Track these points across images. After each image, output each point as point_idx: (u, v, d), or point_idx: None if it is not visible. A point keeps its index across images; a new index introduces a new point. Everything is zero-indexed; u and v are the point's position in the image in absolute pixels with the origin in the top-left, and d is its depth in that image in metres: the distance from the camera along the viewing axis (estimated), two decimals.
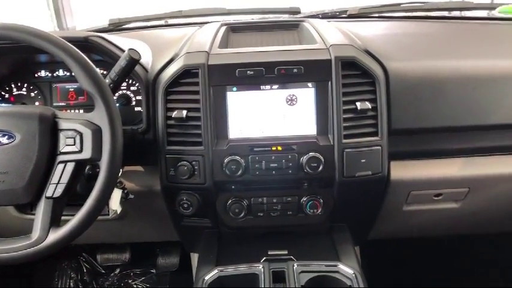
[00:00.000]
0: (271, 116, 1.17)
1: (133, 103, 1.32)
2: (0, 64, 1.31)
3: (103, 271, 2.15)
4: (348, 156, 1.15)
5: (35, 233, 0.94)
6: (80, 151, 0.94)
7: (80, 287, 2.08)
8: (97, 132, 0.94)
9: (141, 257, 2.15)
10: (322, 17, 1.61)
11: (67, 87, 1.35)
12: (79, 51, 0.95)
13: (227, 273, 1.16)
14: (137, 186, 1.29)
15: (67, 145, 0.94)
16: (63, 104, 1.35)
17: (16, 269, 1.90)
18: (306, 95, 1.16)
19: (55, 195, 0.94)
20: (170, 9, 1.67)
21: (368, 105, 1.14)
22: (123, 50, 1.19)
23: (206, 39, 1.29)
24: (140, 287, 2.10)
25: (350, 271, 1.14)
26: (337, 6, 1.68)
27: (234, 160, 1.15)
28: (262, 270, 1.15)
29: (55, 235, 0.94)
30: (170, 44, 1.35)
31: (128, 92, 1.32)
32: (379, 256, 1.85)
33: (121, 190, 1.22)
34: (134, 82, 1.31)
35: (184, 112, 1.14)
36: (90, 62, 0.95)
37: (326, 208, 1.25)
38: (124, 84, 1.31)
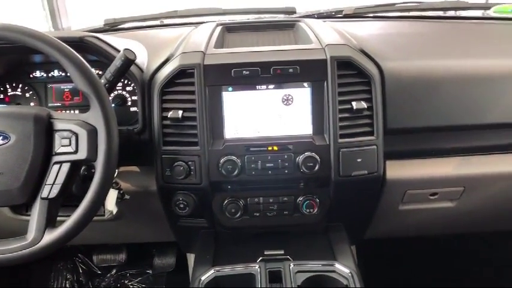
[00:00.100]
0: (267, 116, 1.17)
1: (128, 103, 1.32)
2: None
3: (99, 272, 2.14)
4: (344, 155, 1.15)
5: (30, 234, 0.94)
6: (76, 152, 0.93)
7: None
8: (92, 132, 0.93)
9: (137, 258, 2.15)
10: (317, 17, 1.62)
11: (62, 87, 1.34)
12: (74, 51, 0.95)
13: (223, 273, 1.16)
14: (133, 186, 1.28)
15: (62, 146, 0.94)
16: (58, 105, 1.34)
17: (11, 270, 1.89)
18: (302, 95, 1.16)
19: (50, 196, 0.93)
20: (166, 9, 1.66)
21: (364, 104, 1.14)
22: (118, 50, 1.19)
23: (202, 39, 1.29)
24: None
25: (346, 270, 1.14)
26: (332, 6, 1.68)
27: (230, 160, 1.15)
28: (258, 270, 1.15)
29: (50, 236, 0.93)
30: (166, 44, 1.35)
31: (124, 92, 1.31)
32: (375, 255, 1.85)
33: (117, 190, 1.22)
34: (130, 82, 1.31)
35: (180, 112, 1.14)
36: (85, 62, 0.95)
37: (322, 208, 1.25)
38: (119, 84, 1.31)
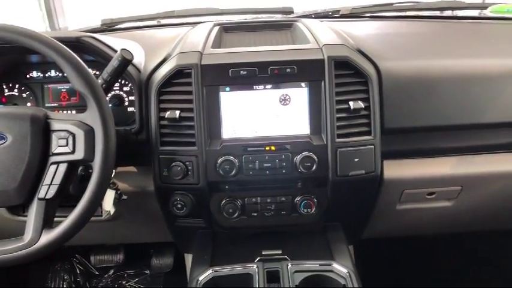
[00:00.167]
0: (264, 116, 1.17)
1: (126, 103, 1.32)
2: None
3: (97, 272, 2.14)
4: (342, 155, 1.15)
5: (28, 235, 0.94)
6: (73, 152, 0.93)
7: None
8: (89, 132, 0.93)
9: (135, 258, 2.14)
10: (315, 17, 1.62)
11: (59, 87, 1.34)
12: (71, 51, 0.94)
13: (221, 273, 1.16)
14: (130, 187, 1.28)
15: (59, 146, 0.94)
16: (55, 105, 1.34)
17: (9, 271, 1.89)
18: (299, 95, 1.16)
19: (47, 196, 0.93)
20: (163, 9, 1.66)
21: (361, 104, 1.14)
22: (115, 50, 1.18)
23: (199, 39, 1.29)
24: None
25: (344, 270, 1.14)
26: (329, 6, 1.68)
27: (228, 160, 1.14)
28: (256, 270, 1.15)
29: (48, 237, 0.93)
30: (163, 44, 1.34)
31: (121, 93, 1.31)
32: (373, 255, 1.85)
33: (114, 191, 1.21)
34: (127, 82, 1.31)
35: (177, 112, 1.14)
36: (82, 63, 0.94)
37: (320, 207, 1.25)
38: (117, 84, 1.30)
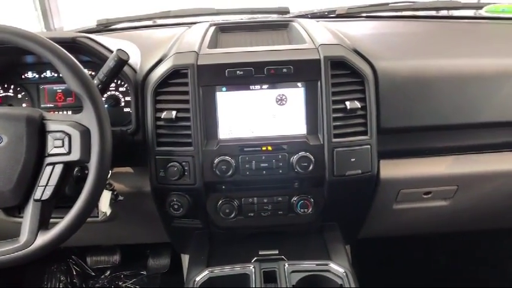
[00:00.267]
0: (261, 116, 1.17)
1: (122, 104, 1.31)
2: None
3: (93, 273, 2.13)
4: (338, 155, 1.15)
5: (23, 236, 0.93)
6: (69, 153, 0.93)
7: None
8: (85, 133, 0.93)
9: (132, 259, 2.14)
10: (311, 17, 1.62)
11: (55, 88, 1.34)
12: (66, 52, 0.94)
13: (218, 274, 1.16)
14: (127, 187, 1.28)
15: (55, 147, 0.93)
16: (51, 106, 1.33)
17: (4, 273, 1.88)
18: (296, 95, 1.16)
19: (43, 197, 0.93)
20: (159, 9, 1.66)
21: (357, 104, 1.14)
22: (111, 51, 1.18)
23: (195, 39, 1.29)
24: None
25: (341, 270, 1.15)
26: (325, 6, 1.69)
27: (224, 160, 1.14)
28: (253, 270, 1.15)
29: (43, 238, 0.93)
30: (159, 45, 1.34)
31: (117, 93, 1.31)
32: (369, 255, 1.86)
33: (110, 192, 1.21)
34: (123, 83, 1.30)
35: (173, 113, 1.14)
36: (77, 63, 0.94)
37: (317, 207, 1.25)
38: (113, 85, 1.30)
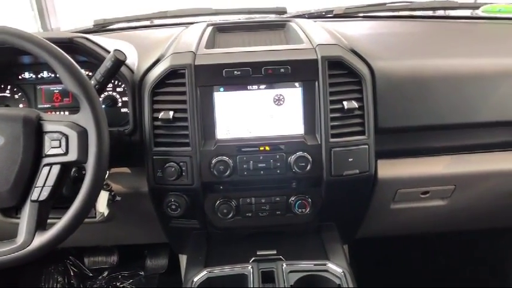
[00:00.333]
0: (258, 116, 1.17)
1: (119, 104, 1.31)
2: None
3: (91, 274, 2.13)
4: (336, 155, 1.15)
5: (20, 237, 0.93)
6: (66, 153, 0.93)
7: None
8: (83, 134, 0.93)
9: (129, 259, 2.14)
10: (308, 17, 1.62)
11: (52, 88, 1.33)
12: (63, 52, 0.94)
13: (216, 274, 1.16)
14: (124, 188, 1.27)
15: (52, 147, 0.93)
16: (48, 106, 1.33)
17: (1, 274, 1.87)
18: (293, 95, 1.16)
19: (40, 198, 0.93)
20: (156, 9, 1.66)
21: (355, 104, 1.14)
22: (108, 51, 1.18)
23: (192, 39, 1.29)
24: None
25: (339, 270, 1.15)
26: (323, 6, 1.69)
27: (222, 161, 1.14)
28: (251, 270, 1.15)
29: (41, 239, 0.93)
30: (156, 45, 1.34)
31: (114, 93, 1.31)
32: (367, 254, 1.86)
33: (108, 192, 1.21)
34: (120, 83, 1.30)
35: (171, 113, 1.14)
36: (74, 63, 0.94)
37: (314, 207, 1.25)
38: (110, 85, 1.30)
